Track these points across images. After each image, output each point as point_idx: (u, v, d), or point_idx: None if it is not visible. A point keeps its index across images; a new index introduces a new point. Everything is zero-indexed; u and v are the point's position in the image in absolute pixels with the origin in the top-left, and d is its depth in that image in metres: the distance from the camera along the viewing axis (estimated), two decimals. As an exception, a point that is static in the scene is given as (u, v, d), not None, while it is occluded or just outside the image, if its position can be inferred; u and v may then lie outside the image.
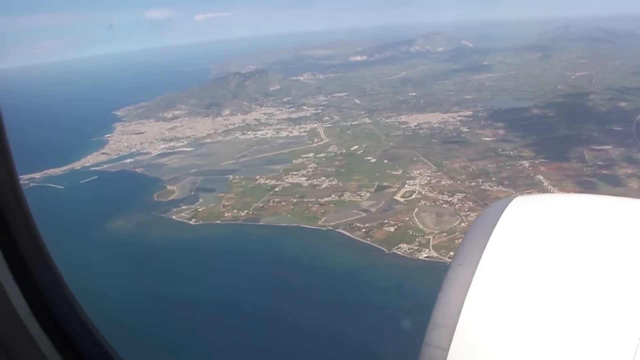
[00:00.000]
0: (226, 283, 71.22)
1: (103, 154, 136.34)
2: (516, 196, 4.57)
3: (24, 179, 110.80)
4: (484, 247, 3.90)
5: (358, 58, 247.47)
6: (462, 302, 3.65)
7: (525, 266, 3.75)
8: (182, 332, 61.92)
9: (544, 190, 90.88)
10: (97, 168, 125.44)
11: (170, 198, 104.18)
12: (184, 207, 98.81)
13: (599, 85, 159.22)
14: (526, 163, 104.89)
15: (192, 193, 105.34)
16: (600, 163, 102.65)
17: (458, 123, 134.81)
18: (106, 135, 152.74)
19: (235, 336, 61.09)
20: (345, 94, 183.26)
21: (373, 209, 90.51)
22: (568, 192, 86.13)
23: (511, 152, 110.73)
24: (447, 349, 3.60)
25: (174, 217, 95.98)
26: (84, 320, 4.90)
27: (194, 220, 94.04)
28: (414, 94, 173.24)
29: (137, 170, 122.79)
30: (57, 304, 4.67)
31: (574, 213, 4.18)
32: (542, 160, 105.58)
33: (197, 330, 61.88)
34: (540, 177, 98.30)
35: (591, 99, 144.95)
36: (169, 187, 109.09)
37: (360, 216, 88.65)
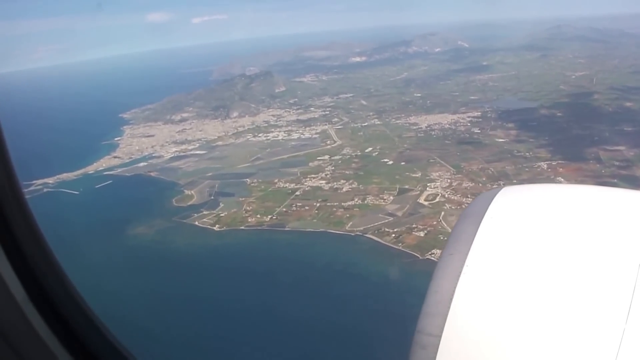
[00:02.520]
0: (265, 292, 70.57)
1: (115, 157, 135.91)
2: (504, 186, 4.69)
3: (36, 184, 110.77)
4: (474, 237, 4.00)
5: (358, 59, 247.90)
6: (454, 291, 3.75)
7: (514, 255, 3.86)
8: (224, 344, 61.98)
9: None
10: (111, 172, 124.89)
11: (190, 203, 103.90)
12: (205, 213, 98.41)
13: (600, 85, 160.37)
14: (544, 165, 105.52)
15: (212, 198, 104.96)
16: (617, 164, 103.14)
17: (468, 124, 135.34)
18: (116, 139, 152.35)
19: (280, 347, 61.15)
20: (351, 95, 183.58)
21: (399, 213, 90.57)
22: None
23: (527, 154, 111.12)
24: (439, 336, 3.70)
25: (196, 223, 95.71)
26: (88, 314, 4.91)
27: (217, 226, 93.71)
28: (419, 94, 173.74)
29: (151, 174, 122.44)
30: (56, 293, 4.66)
31: (562, 202, 4.30)
32: (560, 161, 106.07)
33: (239, 343, 61.94)
34: (561, 179, 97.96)
35: (596, 99, 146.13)
36: (187, 192, 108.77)
37: (387, 220, 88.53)
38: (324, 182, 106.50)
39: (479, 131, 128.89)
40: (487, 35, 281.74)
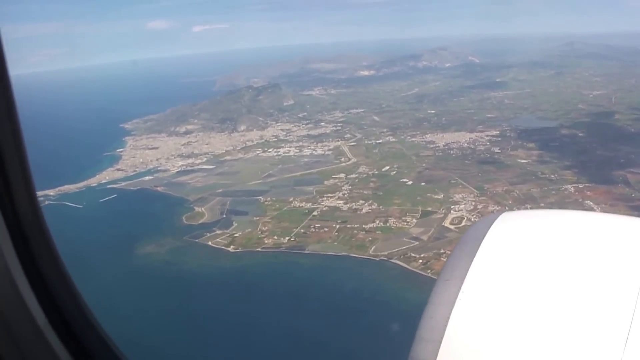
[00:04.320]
0: (291, 320, 66.48)
1: (118, 170, 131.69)
2: (503, 212, 4.60)
3: (38, 195, 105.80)
4: (471, 263, 3.91)
5: (366, 73, 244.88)
6: (448, 317, 3.67)
7: (511, 282, 3.77)
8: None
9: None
10: (115, 185, 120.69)
11: (201, 221, 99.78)
12: (218, 232, 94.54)
13: (620, 105, 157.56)
14: (571, 187, 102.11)
15: (224, 216, 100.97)
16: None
17: (488, 143, 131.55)
18: (118, 150, 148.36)
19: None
20: (362, 110, 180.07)
21: (424, 237, 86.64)
22: None
23: (552, 176, 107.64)
24: None
25: (209, 242, 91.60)
26: (108, 342, 4.86)
27: (232, 247, 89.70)
28: (432, 111, 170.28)
29: (158, 189, 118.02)
30: (72, 313, 4.65)
31: (561, 230, 4.21)
32: (587, 184, 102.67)
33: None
34: (590, 202, 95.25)
35: (617, 119, 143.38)
36: (197, 209, 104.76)
37: (412, 245, 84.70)
38: (341, 202, 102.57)
39: (500, 151, 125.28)
40: (498, 51, 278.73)
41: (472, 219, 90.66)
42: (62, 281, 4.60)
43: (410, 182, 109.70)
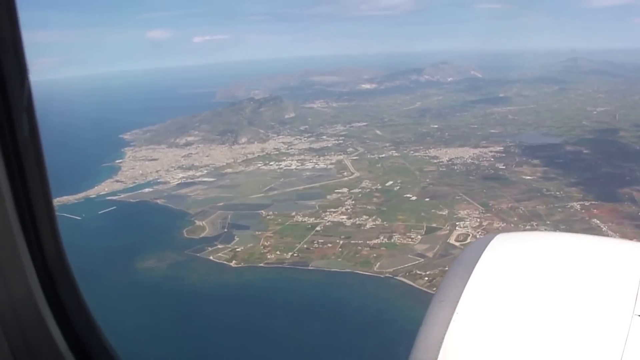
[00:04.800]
0: (293, 338, 65.40)
1: (117, 181, 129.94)
2: (498, 233, 4.63)
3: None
4: (465, 284, 3.94)
5: (367, 86, 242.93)
6: (442, 338, 3.67)
7: (505, 304, 3.82)
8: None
9: (603, 235, 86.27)
10: (114, 198, 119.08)
11: (202, 235, 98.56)
12: (220, 247, 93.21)
13: (624, 122, 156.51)
14: (577, 205, 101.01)
15: (225, 230, 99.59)
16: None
17: (492, 159, 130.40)
18: (117, 161, 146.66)
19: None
20: (364, 123, 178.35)
21: (429, 254, 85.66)
22: (629, 238, 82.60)
23: (558, 193, 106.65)
24: None
25: (211, 257, 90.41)
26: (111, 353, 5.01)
27: (234, 262, 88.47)
28: (435, 126, 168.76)
29: (158, 201, 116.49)
30: (90, 339, 4.80)
31: (556, 253, 4.26)
32: (593, 202, 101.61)
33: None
34: (597, 221, 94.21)
35: (622, 136, 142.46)
36: (198, 223, 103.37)
37: (417, 262, 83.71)
38: (345, 217, 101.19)
39: (504, 167, 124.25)
40: (500, 66, 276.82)
41: (478, 236, 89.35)
42: (81, 309, 4.76)
43: (414, 198, 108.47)
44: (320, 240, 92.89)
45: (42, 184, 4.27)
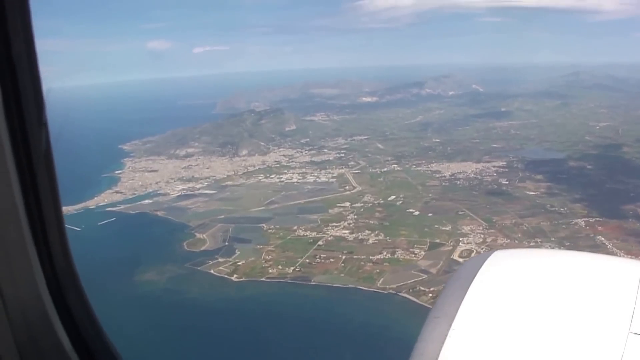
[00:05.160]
0: (296, 355, 64.69)
1: (117, 192, 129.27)
2: (495, 250, 4.66)
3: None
4: (461, 301, 3.96)
5: (368, 99, 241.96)
6: (438, 354, 3.66)
7: (501, 321, 3.83)
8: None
9: (608, 252, 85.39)
10: (114, 209, 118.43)
11: (203, 248, 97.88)
12: (220, 260, 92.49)
13: (627, 137, 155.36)
14: (581, 222, 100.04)
15: (226, 243, 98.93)
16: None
17: (495, 174, 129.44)
18: (117, 172, 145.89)
19: None
20: (366, 137, 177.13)
21: (433, 270, 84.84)
22: (634, 255, 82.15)
23: (561, 209, 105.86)
24: None
25: (212, 271, 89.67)
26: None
27: (235, 276, 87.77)
28: (437, 140, 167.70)
29: (158, 213, 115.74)
30: (93, 340, 4.87)
31: (552, 270, 4.28)
32: (597, 219, 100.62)
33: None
34: (602, 238, 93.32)
35: (625, 152, 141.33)
36: (199, 235, 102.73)
37: (421, 278, 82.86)
38: (347, 231, 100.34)
39: (507, 182, 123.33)
40: (502, 80, 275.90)
41: (482, 252, 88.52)
42: (87, 313, 4.82)
43: (417, 213, 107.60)
44: (322, 255, 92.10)
45: (53, 195, 4.33)
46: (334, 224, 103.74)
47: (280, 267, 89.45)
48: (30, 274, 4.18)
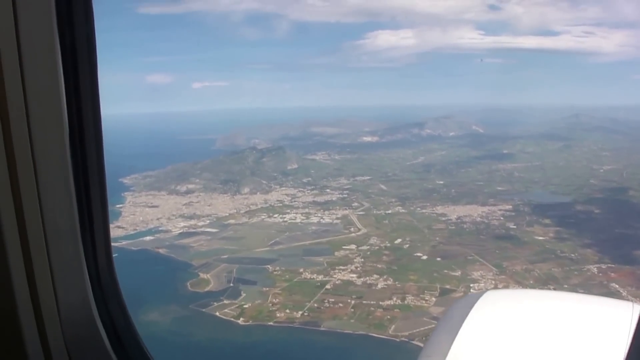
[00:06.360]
0: None
1: (118, 227, 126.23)
2: (487, 290, 4.82)
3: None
4: (453, 340, 3.91)
5: (369, 139, 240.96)
6: None
7: None
8: None
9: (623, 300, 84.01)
10: (116, 244, 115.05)
11: (207, 289, 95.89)
12: (226, 302, 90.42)
13: (632, 181, 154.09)
14: (593, 268, 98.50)
15: (231, 285, 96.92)
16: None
17: (502, 218, 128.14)
18: (117, 206, 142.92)
19: None
20: (368, 177, 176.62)
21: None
22: None
23: (572, 255, 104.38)
24: None
25: (217, 313, 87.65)
26: None
27: (242, 319, 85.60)
28: (441, 182, 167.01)
29: (160, 250, 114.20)
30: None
31: (544, 310, 4.35)
32: (610, 265, 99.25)
33: None
34: (615, 285, 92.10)
35: (632, 196, 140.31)
36: (202, 275, 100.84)
37: (433, 325, 79.27)
38: (354, 275, 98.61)
39: (515, 226, 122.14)
40: (502, 121, 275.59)
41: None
42: (126, 319, 5.27)
43: (425, 257, 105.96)
44: (330, 300, 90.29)
45: (102, 193, 4.59)
46: (341, 267, 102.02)
47: (288, 310, 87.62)
48: (81, 281, 4.28)
